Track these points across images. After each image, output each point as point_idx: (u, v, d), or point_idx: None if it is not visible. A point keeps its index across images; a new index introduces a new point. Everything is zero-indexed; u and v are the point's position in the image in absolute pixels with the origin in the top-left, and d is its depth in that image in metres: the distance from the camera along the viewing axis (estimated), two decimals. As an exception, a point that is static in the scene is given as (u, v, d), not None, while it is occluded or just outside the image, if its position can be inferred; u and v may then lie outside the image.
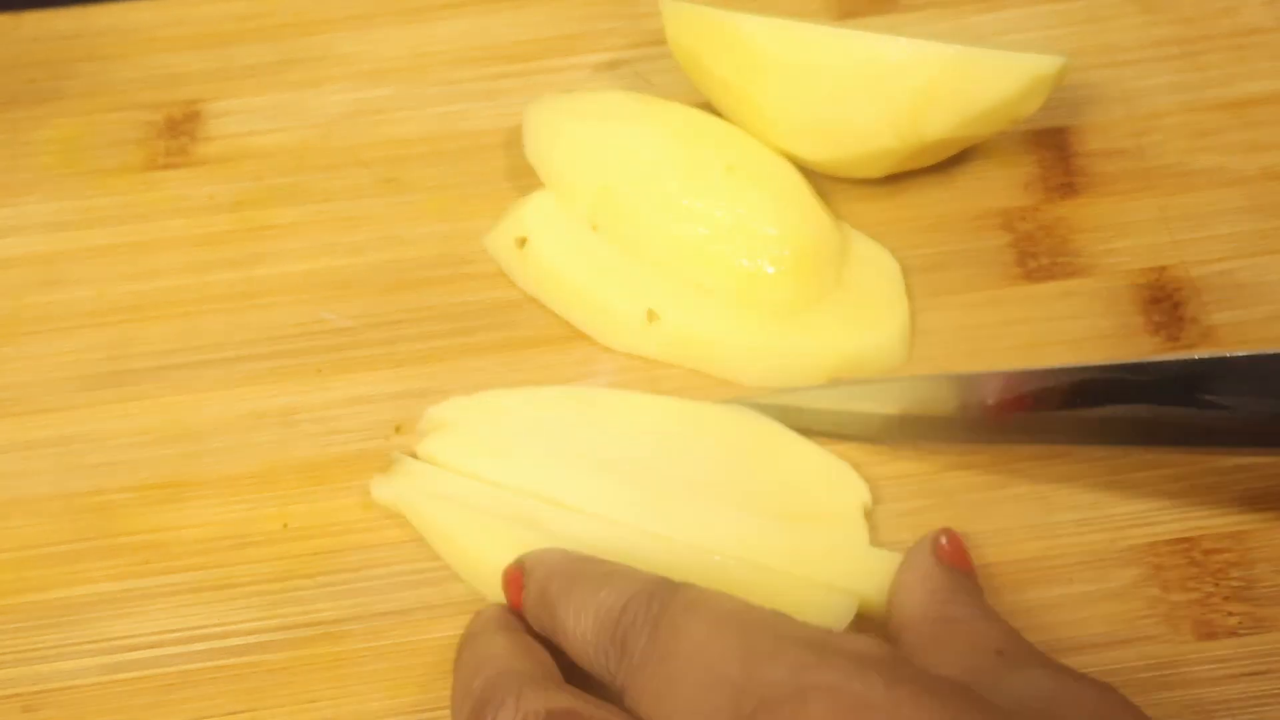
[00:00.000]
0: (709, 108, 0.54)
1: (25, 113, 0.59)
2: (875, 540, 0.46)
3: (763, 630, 0.36)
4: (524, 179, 0.55)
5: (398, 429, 0.49)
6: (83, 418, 0.50)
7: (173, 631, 0.46)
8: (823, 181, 0.54)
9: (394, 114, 0.58)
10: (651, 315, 0.50)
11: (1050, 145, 0.55)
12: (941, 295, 0.51)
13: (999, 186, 0.54)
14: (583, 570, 0.41)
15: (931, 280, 0.52)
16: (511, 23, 0.60)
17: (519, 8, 0.61)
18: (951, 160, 0.55)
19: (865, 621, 0.43)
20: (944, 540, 0.44)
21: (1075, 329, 0.50)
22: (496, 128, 0.57)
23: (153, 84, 0.59)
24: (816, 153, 0.52)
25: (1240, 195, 0.53)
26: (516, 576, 0.43)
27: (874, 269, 0.51)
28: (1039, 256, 0.52)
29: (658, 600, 0.38)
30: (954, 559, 0.43)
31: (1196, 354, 0.42)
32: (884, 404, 0.47)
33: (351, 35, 0.60)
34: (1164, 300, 0.51)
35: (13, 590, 0.47)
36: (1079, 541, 0.46)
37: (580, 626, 0.39)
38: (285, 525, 0.47)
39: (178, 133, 0.58)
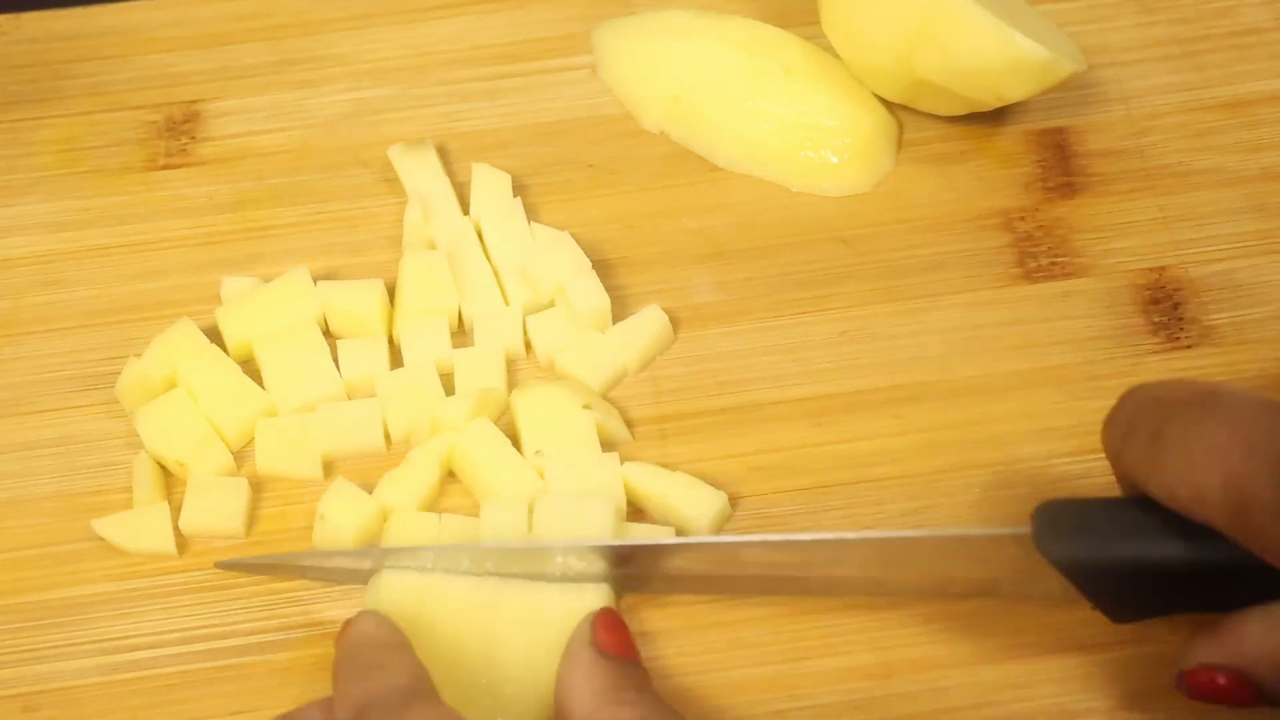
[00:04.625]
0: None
1: (25, 113, 0.59)
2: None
3: None
4: (524, 178, 0.55)
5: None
6: (83, 417, 0.50)
7: (173, 631, 0.46)
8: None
9: (394, 114, 0.58)
10: None
11: (1050, 145, 0.55)
12: (941, 295, 0.51)
13: (999, 186, 0.54)
14: (355, 656, 0.41)
15: (931, 280, 0.52)
16: (511, 23, 0.60)
17: (519, 8, 0.61)
18: (951, 160, 0.55)
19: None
20: (601, 627, 0.42)
21: (1075, 329, 0.50)
22: (496, 128, 0.57)
23: (153, 84, 0.59)
24: (844, 50, 0.56)
25: (1240, 195, 0.53)
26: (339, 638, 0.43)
27: None
28: (1039, 256, 0.52)
29: (389, 710, 0.38)
30: (616, 646, 0.42)
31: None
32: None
33: (351, 35, 0.60)
34: (1164, 300, 0.51)
35: (13, 590, 0.47)
36: (1079, 541, 0.45)
37: (336, 717, 0.40)
38: (287, 525, 0.47)
39: (178, 133, 0.58)
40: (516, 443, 0.48)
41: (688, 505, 0.46)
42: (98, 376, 0.51)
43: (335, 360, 0.50)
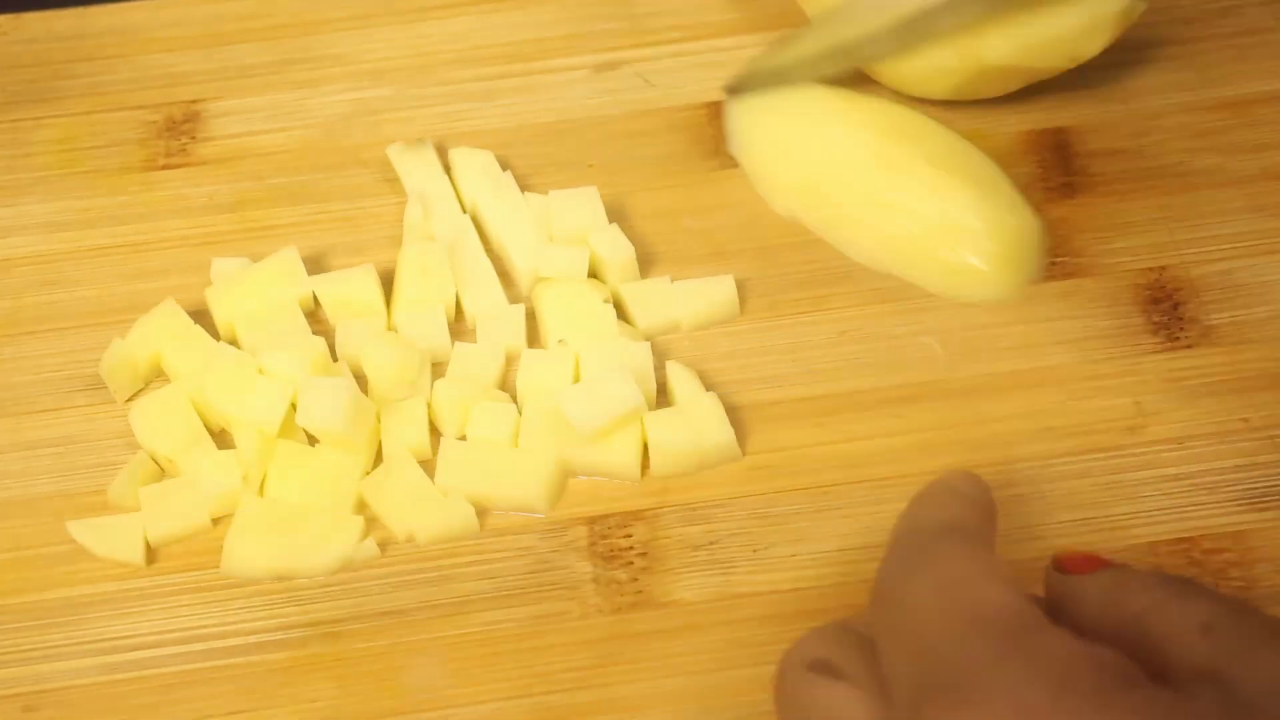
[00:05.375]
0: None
1: (25, 113, 0.59)
2: (875, 540, 0.46)
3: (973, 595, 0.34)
4: (524, 178, 0.55)
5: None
6: (82, 417, 0.50)
7: (173, 631, 0.46)
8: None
9: (394, 114, 0.58)
10: None
11: (1050, 145, 0.55)
12: (941, 295, 0.51)
13: (999, 186, 0.54)
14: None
15: (931, 280, 0.52)
16: (511, 23, 0.60)
17: (519, 8, 0.61)
18: (951, 160, 0.55)
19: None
20: (1060, 560, 0.38)
21: (1075, 329, 0.50)
22: (496, 128, 0.57)
23: (153, 84, 0.59)
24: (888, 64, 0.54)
25: (1240, 195, 0.53)
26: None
27: None
28: (1039, 256, 0.52)
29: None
30: (1080, 565, 0.37)
31: None
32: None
33: (351, 35, 0.60)
34: (1164, 300, 0.51)
35: (13, 590, 0.47)
36: (1079, 541, 0.46)
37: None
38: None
39: (178, 133, 0.58)
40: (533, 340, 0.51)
41: (699, 430, 0.47)
42: (98, 376, 0.51)
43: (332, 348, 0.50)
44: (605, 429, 0.47)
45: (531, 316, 0.51)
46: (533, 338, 0.51)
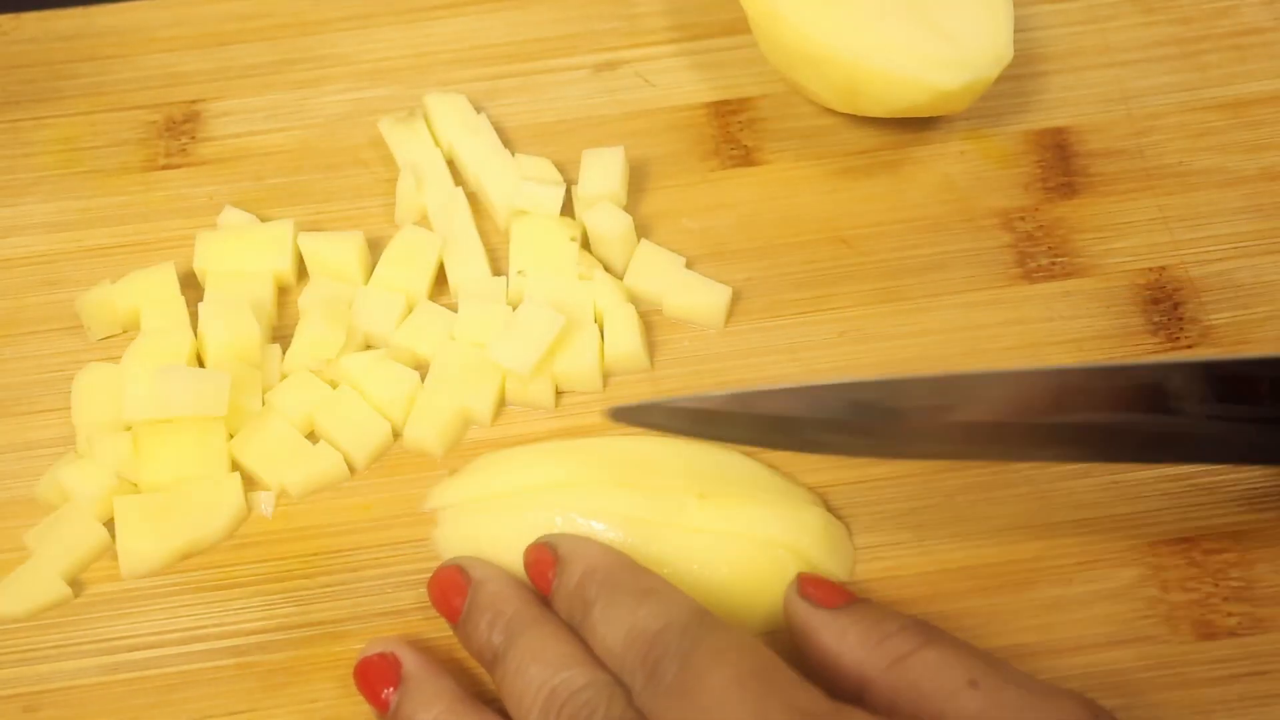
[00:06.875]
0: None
1: (25, 113, 0.59)
2: (875, 540, 0.46)
3: (778, 697, 0.37)
4: (524, 179, 0.55)
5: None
6: (83, 418, 0.50)
7: (173, 631, 0.46)
8: (826, 179, 0.54)
9: (394, 114, 0.58)
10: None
11: (1050, 145, 0.55)
12: (941, 295, 0.51)
13: (999, 186, 0.54)
14: (621, 579, 0.42)
15: (931, 280, 0.52)
16: (511, 23, 0.60)
17: (519, 8, 0.61)
18: (951, 160, 0.55)
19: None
20: (808, 590, 0.42)
21: (1075, 329, 0.50)
22: (497, 127, 0.57)
23: (153, 84, 0.59)
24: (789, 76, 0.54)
25: (1240, 195, 0.53)
26: (548, 562, 0.43)
27: None
28: (1039, 256, 0.52)
29: (690, 636, 0.39)
30: (832, 598, 0.42)
31: (1153, 360, 0.41)
32: (815, 410, 0.42)
33: (351, 35, 0.60)
34: (1163, 300, 0.51)
35: (13, 590, 0.47)
36: (1079, 541, 0.46)
37: (610, 637, 0.40)
38: (287, 525, 0.48)
39: (178, 133, 0.58)
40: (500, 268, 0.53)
41: (695, 296, 0.51)
42: (98, 376, 0.51)
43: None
44: (539, 362, 0.48)
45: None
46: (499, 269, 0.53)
